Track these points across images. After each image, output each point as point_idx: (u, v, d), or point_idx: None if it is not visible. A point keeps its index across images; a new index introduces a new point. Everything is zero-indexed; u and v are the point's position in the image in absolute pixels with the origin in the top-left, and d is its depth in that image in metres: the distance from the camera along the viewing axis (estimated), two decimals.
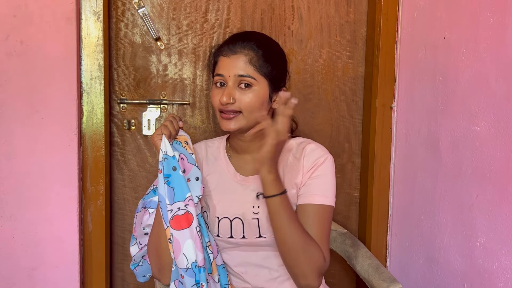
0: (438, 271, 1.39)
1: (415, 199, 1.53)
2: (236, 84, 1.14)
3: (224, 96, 1.12)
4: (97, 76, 1.50)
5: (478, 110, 1.21)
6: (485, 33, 1.19)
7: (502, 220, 1.12)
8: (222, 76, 1.15)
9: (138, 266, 1.28)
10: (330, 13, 1.67)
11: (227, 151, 1.27)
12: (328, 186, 1.17)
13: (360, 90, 1.72)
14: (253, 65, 1.13)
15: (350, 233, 1.56)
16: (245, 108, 1.13)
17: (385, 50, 1.61)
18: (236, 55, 1.14)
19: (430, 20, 1.45)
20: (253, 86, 1.13)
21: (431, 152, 1.43)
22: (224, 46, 1.17)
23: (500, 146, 1.13)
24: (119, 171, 1.66)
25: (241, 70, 1.13)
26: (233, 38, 1.19)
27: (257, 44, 1.15)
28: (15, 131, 1.46)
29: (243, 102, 1.13)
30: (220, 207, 1.20)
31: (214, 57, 1.20)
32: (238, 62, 1.13)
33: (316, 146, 1.21)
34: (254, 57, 1.14)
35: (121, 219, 1.67)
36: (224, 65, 1.15)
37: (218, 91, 1.16)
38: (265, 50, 1.16)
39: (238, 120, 1.14)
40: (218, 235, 1.19)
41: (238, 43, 1.15)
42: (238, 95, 1.13)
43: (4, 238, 1.49)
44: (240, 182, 1.22)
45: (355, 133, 1.74)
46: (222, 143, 1.29)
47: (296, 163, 1.19)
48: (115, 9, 1.59)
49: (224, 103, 1.12)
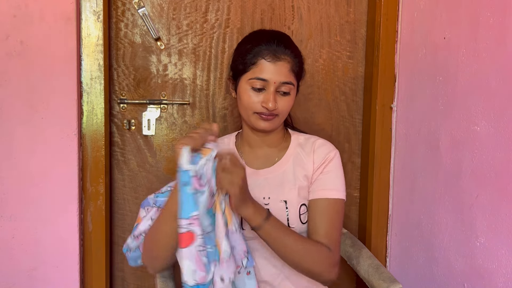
0: (438, 271, 1.39)
1: (415, 199, 1.53)
2: (276, 89, 1.18)
3: (271, 102, 1.16)
4: (97, 76, 1.50)
5: (478, 110, 1.21)
6: (485, 33, 1.19)
7: (502, 220, 1.12)
8: (266, 81, 1.17)
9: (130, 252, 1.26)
10: (330, 13, 1.67)
11: (237, 147, 1.31)
12: (339, 180, 1.24)
13: (360, 90, 1.72)
14: (293, 72, 1.20)
15: (350, 233, 1.56)
16: (282, 112, 1.21)
17: (385, 50, 1.61)
18: (280, 61, 1.17)
19: (430, 20, 1.45)
20: (291, 91, 1.20)
21: (431, 152, 1.43)
22: (263, 48, 1.17)
23: (500, 146, 1.13)
24: (119, 171, 1.66)
25: (286, 78, 1.18)
26: (273, 40, 1.18)
27: (295, 52, 1.21)
28: (15, 131, 1.46)
29: (282, 106, 1.20)
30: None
31: (250, 58, 1.18)
32: (283, 69, 1.17)
33: (324, 141, 1.29)
34: (294, 64, 1.20)
35: (121, 219, 1.68)
36: (268, 71, 1.17)
37: (256, 94, 1.18)
38: (300, 57, 1.23)
39: (275, 122, 1.21)
40: None
41: (280, 49, 1.17)
42: (278, 100, 1.19)
43: (4, 238, 1.49)
44: (251, 175, 1.22)
45: (355, 133, 1.74)
46: (232, 139, 1.34)
47: (306, 157, 1.26)
48: (115, 9, 1.59)
49: (272, 109, 1.17)
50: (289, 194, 1.22)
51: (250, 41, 1.21)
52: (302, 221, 1.21)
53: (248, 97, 1.19)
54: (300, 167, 1.25)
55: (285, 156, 1.27)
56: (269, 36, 1.20)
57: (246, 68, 1.19)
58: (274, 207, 1.20)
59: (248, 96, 1.19)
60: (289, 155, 1.27)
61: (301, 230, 1.22)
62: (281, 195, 1.22)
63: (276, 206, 1.20)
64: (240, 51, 1.22)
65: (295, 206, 1.21)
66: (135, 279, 1.70)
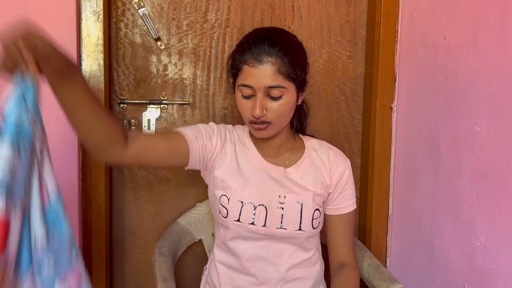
0: (438, 271, 1.39)
1: (415, 199, 1.53)
2: (265, 94, 1.10)
3: (257, 109, 1.09)
4: (97, 76, 1.50)
5: (478, 110, 1.21)
6: (485, 33, 1.19)
7: (502, 220, 1.12)
8: (250, 87, 1.10)
9: None
10: (330, 13, 1.67)
11: (251, 138, 1.26)
12: (354, 192, 1.28)
13: (360, 90, 1.72)
14: (282, 73, 1.09)
15: None
16: (276, 118, 1.12)
17: (385, 50, 1.61)
18: (263, 65, 1.08)
19: (430, 20, 1.45)
20: (283, 95, 1.11)
21: (431, 152, 1.43)
22: (246, 53, 1.10)
23: (500, 146, 1.13)
24: (119, 171, 1.66)
25: (271, 81, 1.08)
26: (255, 42, 1.10)
27: (283, 50, 1.09)
28: None
29: (274, 112, 1.11)
30: (245, 193, 1.19)
31: (236, 64, 1.13)
32: (267, 72, 1.08)
33: (337, 152, 1.28)
34: (282, 65, 1.09)
35: (121, 219, 1.67)
36: (251, 76, 1.09)
37: (246, 102, 1.12)
38: (291, 55, 1.10)
39: (269, 129, 1.14)
40: (239, 220, 1.18)
41: (263, 51, 1.08)
42: (268, 105, 1.11)
43: None
44: (267, 169, 1.22)
45: (355, 133, 1.74)
46: (246, 131, 1.28)
47: (322, 165, 1.25)
48: (115, 9, 1.59)
49: (258, 116, 1.09)
50: (306, 197, 1.20)
51: (238, 45, 1.16)
52: (314, 226, 1.21)
53: (240, 105, 1.14)
54: (319, 174, 1.23)
55: (301, 159, 1.24)
56: (254, 37, 1.13)
57: (236, 74, 1.14)
58: (289, 208, 1.18)
59: (240, 104, 1.14)
60: (305, 159, 1.25)
61: (310, 234, 1.21)
62: (298, 196, 1.20)
63: (291, 207, 1.19)
64: (231, 55, 1.17)
65: (309, 210, 1.20)
66: (135, 279, 1.70)
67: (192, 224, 1.51)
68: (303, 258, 1.23)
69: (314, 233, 1.22)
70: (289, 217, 1.18)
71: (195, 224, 1.51)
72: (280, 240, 1.20)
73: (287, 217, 1.18)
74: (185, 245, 1.48)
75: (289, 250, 1.21)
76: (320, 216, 1.22)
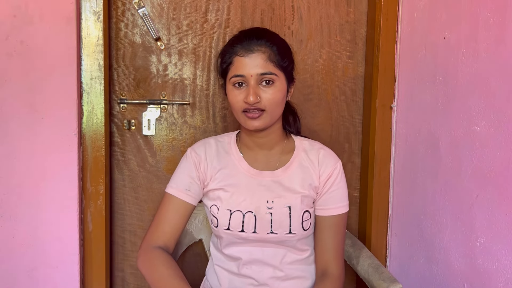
0: (438, 271, 1.39)
1: (415, 199, 1.53)
2: (257, 82, 1.14)
3: (251, 96, 1.12)
4: (97, 76, 1.50)
5: (478, 110, 1.21)
6: (485, 33, 1.19)
7: (502, 220, 1.12)
8: (242, 77, 1.14)
9: None
10: (330, 13, 1.67)
11: (238, 146, 1.28)
12: (345, 194, 1.25)
13: (360, 90, 1.72)
14: (272, 61, 1.14)
15: (350, 233, 1.56)
16: (270, 105, 1.15)
17: (385, 50, 1.61)
18: (254, 53, 1.13)
19: (430, 20, 1.45)
20: (275, 82, 1.15)
21: (431, 152, 1.43)
22: (236, 45, 1.16)
23: (500, 146, 1.13)
24: (119, 171, 1.66)
25: (263, 68, 1.13)
26: (245, 36, 1.17)
27: (270, 40, 1.15)
28: (15, 131, 1.46)
29: (267, 99, 1.14)
30: (233, 201, 1.20)
31: (227, 59, 1.18)
32: (258, 60, 1.13)
33: (327, 151, 1.26)
34: (271, 53, 1.14)
35: (121, 219, 1.68)
36: (242, 65, 1.13)
37: (238, 91, 1.15)
38: (278, 45, 1.16)
39: (263, 118, 1.16)
40: (228, 228, 1.19)
41: (253, 41, 1.14)
42: (262, 93, 1.14)
43: (4, 238, 1.49)
44: (254, 176, 1.22)
45: (355, 133, 1.74)
46: (233, 138, 1.29)
47: (311, 165, 1.24)
48: (115, 9, 1.59)
49: (253, 102, 1.12)
50: (294, 200, 1.20)
51: (226, 45, 1.21)
52: (304, 228, 1.20)
53: (233, 96, 1.16)
54: (307, 175, 1.23)
55: (290, 161, 1.24)
56: (241, 33, 1.20)
57: (226, 69, 1.18)
58: (278, 212, 1.18)
59: (232, 95, 1.16)
60: (294, 160, 1.24)
61: (302, 236, 1.21)
62: (285, 200, 1.20)
63: (279, 211, 1.19)
64: (220, 53, 1.21)
65: (298, 212, 1.19)
66: (135, 279, 1.70)
67: (192, 224, 1.51)
68: (298, 258, 1.23)
69: (306, 234, 1.22)
70: (278, 222, 1.18)
71: (195, 224, 1.51)
72: (272, 243, 1.20)
73: (276, 222, 1.18)
74: (185, 245, 1.48)
75: (282, 251, 1.22)
76: (310, 217, 1.22)
